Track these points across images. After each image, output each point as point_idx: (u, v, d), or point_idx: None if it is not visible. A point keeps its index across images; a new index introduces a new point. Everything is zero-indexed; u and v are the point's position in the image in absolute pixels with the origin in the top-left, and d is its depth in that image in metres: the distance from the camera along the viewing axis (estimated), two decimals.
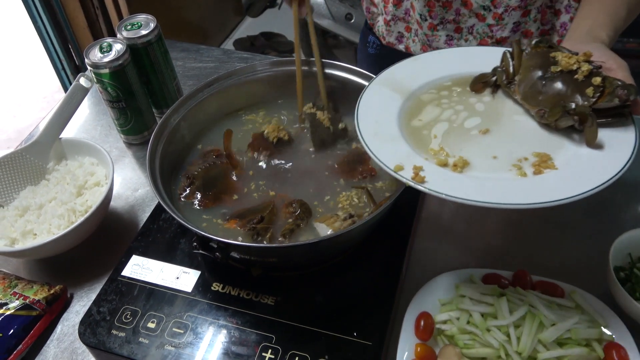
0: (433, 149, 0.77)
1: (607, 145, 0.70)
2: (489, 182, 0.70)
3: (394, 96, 0.84)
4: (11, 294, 0.84)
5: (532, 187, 0.69)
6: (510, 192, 0.67)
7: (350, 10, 2.53)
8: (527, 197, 0.66)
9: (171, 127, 0.90)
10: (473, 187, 0.69)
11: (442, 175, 0.71)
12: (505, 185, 0.69)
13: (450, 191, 0.67)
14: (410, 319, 0.74)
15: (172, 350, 0.73)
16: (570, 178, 0.68)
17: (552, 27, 1.11)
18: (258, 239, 0.78)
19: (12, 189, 0.97)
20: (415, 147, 0.76)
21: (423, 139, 0.78)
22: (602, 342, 0.71)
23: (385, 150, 0.75)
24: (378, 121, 0.80)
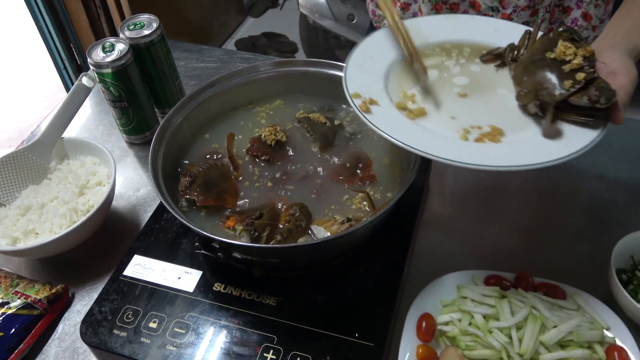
0: (405, 92, 0.79)
1: (565, 140, 0.70)
2: (428, 134, 0.72)
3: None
4: (13, 293, 0.84)
5: (459, 148, 0.70)
6: (435, 145, 0.69)
7: (352, 11, 2.52)
8: (443, 152, 0.67)
9: (173, 127, 0.90)
10: (408, 133, 0.71)
11: (391, 116, 0.74)
12: (438, 140, 0.71)
13: (384, 127, 0.70)
14: (411, 320, 0.74)
15: (174, 351, 0.73)
16: (502, 153, 0.69)
17: (561, 25, 1.11)
18: (255, 234, 0.77)
19: (14, 188, 0.97)
20: (391, 87, 0.79)
21: (404, 82, 0.81)
22: (604, 344, 0.71)
23: (357, 79, 0.78)
24: (373, 57, 0.83)
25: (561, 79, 0.72)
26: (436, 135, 0.72)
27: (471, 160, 0.66)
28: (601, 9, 1.09)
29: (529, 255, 0.87)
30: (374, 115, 0.73)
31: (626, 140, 1.05)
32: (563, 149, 0.68)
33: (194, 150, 0.94)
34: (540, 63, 0.76)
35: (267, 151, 0.91)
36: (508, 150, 0.70)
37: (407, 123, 0.74)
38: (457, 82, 0.82)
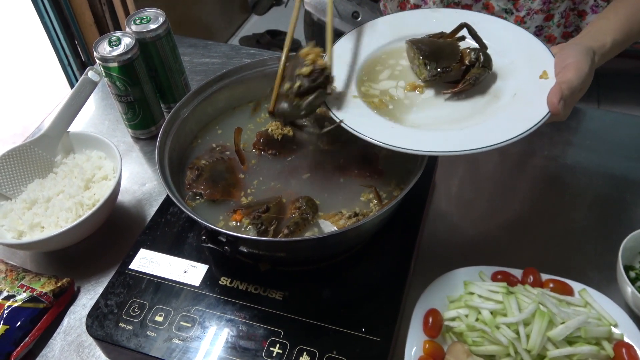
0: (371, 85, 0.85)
1: (519, 122, 0.73)
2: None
3: (385, 34, 0.91)
4: (18, 287, 0.84)
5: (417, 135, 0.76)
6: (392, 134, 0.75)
7: (357, 9, 2.51)
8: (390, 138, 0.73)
9: (180, 121, 0.89)
10: (378, 129, 0.76)
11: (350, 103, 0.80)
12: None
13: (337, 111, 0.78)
14: (418, 316, 0.74)
15: (180, 344, 0.73)
16: (467, 138, 0.74)
17: (576, 29, 1.10)
18: (262, 228, 0.77)
19: (20, 181, 0.97)
20: (356, 77, 0.85)
21: (371, 76, 0.86)
22: (612, 340, 0.71)
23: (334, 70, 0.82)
24: (351, 48, 0.88)
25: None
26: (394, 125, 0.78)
27: (439, 148, 0.72)
28: None
29: (536, 251, 0.87)
30: (337, 103, 0.79)
31: (633, 138, 1.05)
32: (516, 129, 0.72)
33: (200, 145, 0.94)
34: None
35: (274, 145, 0.91)
36: (468, 135, 0.74)
37: (368, 113, 0.79)
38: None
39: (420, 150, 0.72)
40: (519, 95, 0.78)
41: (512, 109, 0.77)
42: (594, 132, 1.07)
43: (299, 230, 0.78)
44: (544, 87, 0.76)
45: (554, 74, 0.77)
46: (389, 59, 0.89)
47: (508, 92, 0.80)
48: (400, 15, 0.95)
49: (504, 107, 0.78)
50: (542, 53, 0.82)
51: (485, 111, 0.79)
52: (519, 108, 0.76)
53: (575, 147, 1.04)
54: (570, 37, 1.11)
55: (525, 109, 0.75)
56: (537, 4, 1.04)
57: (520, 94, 0.78)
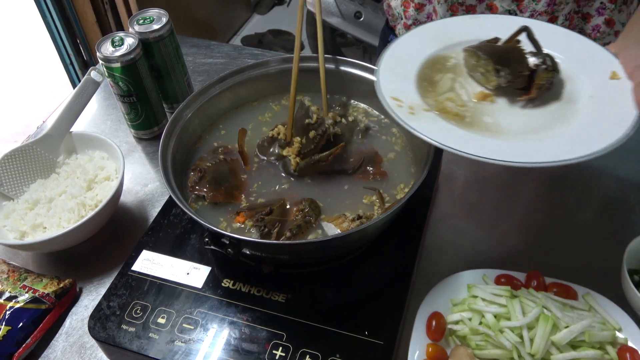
0: (441, 94, 0.81)
1: (600, 134, 0.71)
2: (466, 134, 0.74)
3: (430, 44, 0.88)
4: (20, 287, 0.83)
5: (505, 147, 0.72)
6: (480, 146, 0.71)
7: (359, 9, 2.52)
8: (491, 153, 0.69)
9: (183, 122, 0.89)
10: (452, 137, 0.72)
11: (433, 120, 0.76)
12: (478, 140, 0.73)
13: (429, 132, 0.71)
14: (421, 319, 0.74)
15: (182, 346, 0.73)
16: (544, 149, 0.71)
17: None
18: (265, 230, 0.77)
19: (22, 182, 0.97)
20: (420, 89, 0.81)
21: (432, 86, 0.83)
22: (616, 345, 0.71)
23: (390, 83, 0.79)
24: (401, 59, 0.84)
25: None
26: (474, 135, 0.74)
27: (522, 159, 0.68)
28: (624, 13, 1.07)
29: (540, 254, 0.86)
30: (415, 120, 0.74)
31: (638, 141, 1.04)
32: (601, 142, 0.69)
33: (203, 146, 0.93)
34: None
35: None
36: (546, 146, 0.72)
37: (449, 127, 0.75)
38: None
39: (527, 162, 0.68)
40: (596, 98, 0.76)
41: (595, 113, 0.74)
42: None
43: (302, 233, 0.78)
44: (619, 88, 0.75)
45: (624, 75, 0.76)
46: (444, 69, 0.86)
47: (583, 95, 0.78)
48: (439, 24, 0.93)
49: (584, 112, 0.75)
50: (601, 54, 0.81)
51: (565, 117, 0.76)
52: (602, 111, 0.74)
53: None
54: None
55: (610, 112, 0.73)
56: (541, 5, 1.04)
57: (597, 97, 0.76)
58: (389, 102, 0.76)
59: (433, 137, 0.70)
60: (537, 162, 0.68)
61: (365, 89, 0.92)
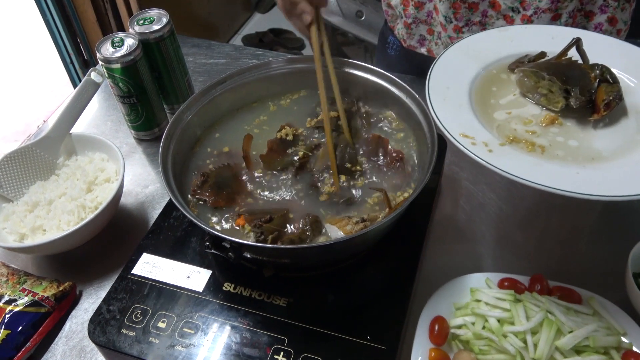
0: (501, 122, 0.77)
1: None
2: (545, 164, 0.71)
3: (469, 64, 0.85)
4: (20, 290, 0.83)
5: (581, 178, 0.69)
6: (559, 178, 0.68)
7: (360, 8, 2.51)
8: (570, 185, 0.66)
9: (184, 124, 0.88)
10: (531, 169, 0.69)
11: (510, 154, 0.72)
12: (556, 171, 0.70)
13: (513, 169, 0.67)
14: (424, 323, 0.73)
15: (183, 351, 0.72)
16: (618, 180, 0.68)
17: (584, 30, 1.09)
18: (261, 237, 0.76)
19: (21, 183, 0.96)
20: (482, 120, 0.77)
21: (490, 111, 0.79)
22: (621, 350, 0.70)
23: (451, 116, 0.75)
24: (448, 86, 0.80)
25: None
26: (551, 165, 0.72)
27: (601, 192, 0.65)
28: (627, 12, 1.07)
29: (544, 258, 0.86)
30: (496, 157, 0.70)
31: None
32: None
33: (204, 148, 0.93)
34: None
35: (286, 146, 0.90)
36: (622, 176, 0.69)
37: (535, 161, 0.72)
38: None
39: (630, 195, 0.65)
40: None
41: None
42: None
43: None
44: None
45: None
46: (497, 91, 0.84)
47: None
48: (470, 41, 0.89)
49: None
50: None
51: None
52: None
53: None
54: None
55: None
56: (544, 2, 1.03)
57: None
58: (462, 141, 0.72)
59: (530, 179, 0.66)
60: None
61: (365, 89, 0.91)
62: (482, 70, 0.85)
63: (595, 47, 0.83)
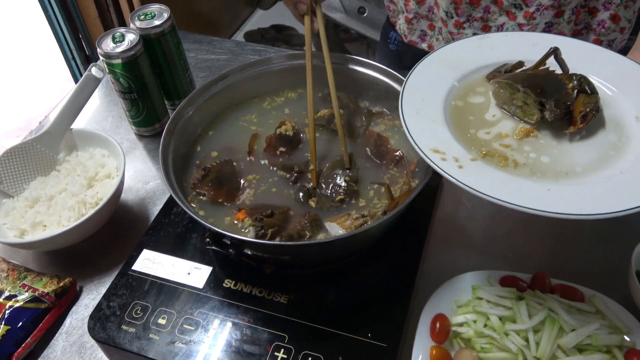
0: (475, 136, 0.75)
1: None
2: (517, 182, 0.68)
3: (447, 74, 0.82)
4: (20, 286, 0.83)
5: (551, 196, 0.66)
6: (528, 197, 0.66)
7: (363, 4, 2.50)
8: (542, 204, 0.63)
9: (184, 120, 0.88)
10: (503, 187, 0.67)
11: (479, 169, 0.70)
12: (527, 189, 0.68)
13: (486, 189, 0.65)
14: (425, 321, 0.73)
15: (183, 348, 0.72)
16: (591, 197, 0.66)
17: (587, 27, 1.08)
18: (261, 231, 0.76)
19: (22, 179, 0.96)
20: (456, 133, 0.75)
21: (465, 124, 0.76)
22: (623, 348, 0.69)
23: (423, 131, 0.73)
24: (423, 98, 0.78)
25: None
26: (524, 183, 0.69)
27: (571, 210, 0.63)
28: (630, 10, 1.06)
29: (546, 255, 0.85)
30: (466, 174, 0.68)
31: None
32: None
33: (205, 144, 0.92)
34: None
35: (284, 142, 0.90)
36: (596, 192, 0.67)
37: (506, 177, 0.70)
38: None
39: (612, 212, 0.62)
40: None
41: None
42: None
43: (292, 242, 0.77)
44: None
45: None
46: (473, 103, 0.81)
47: (628, 117, 0.74)
48: (449, 50, 0.87)
49: (637, 136, 0.71)
50: (629, 66, 0.77)
51: (619, 146, 0.71)
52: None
53: None
54: (580, 35, 1.09)
55: None
56: None
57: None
58: (432, 156, 0.69)
59: (498, 196, 0.64)
60: (614, 211, 0.62)
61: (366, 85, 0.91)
62: (459, 81, 0.83)
63: (576, 55, 0.81)
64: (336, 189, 0.83)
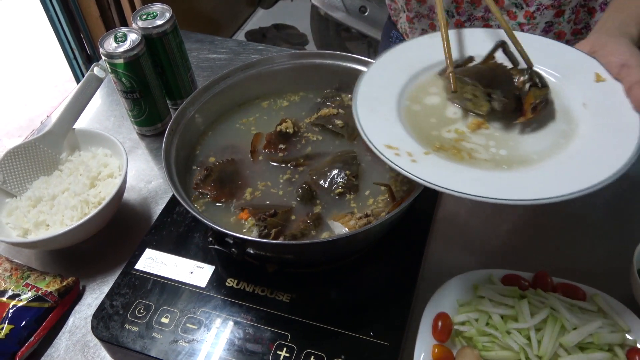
0: (439, 136, 0.75)
1: (601, 162, 0.67)
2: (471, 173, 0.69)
3: (399, 74, 0.82)
4: (23, 285, 0.83)
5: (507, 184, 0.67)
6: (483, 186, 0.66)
7: (364, 3, 2.50)
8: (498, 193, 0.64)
9: (187, 120, 0.88)
10: (455, 178, 0.68)
11: (433, 162, 0.70)
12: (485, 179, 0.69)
13: (439, 181, 0.66)
14: (427, 320, 0.73)
15: (186, 346, 0.72)
16: (543, 183, 0.67)
17: (586, 27, 1.08)
18: (264, 231, 0.76)
19: (25, 179, 0.96)
20: (409, 128, 0.75)
21: (427, 127, 0.77)
22: (625, 347, 0.70)
23: (377, 128, 0.73)
24: (377, 97, 0.78)
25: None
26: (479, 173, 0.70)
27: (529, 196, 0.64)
28: None
29: (548, 254, 0.85)
30: (419, 167, 0.68)
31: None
32: (602, 173, 0.65)
33: (207, 143, 0.93)
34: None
35: (284, 140, 0.90)
36: (546, 178, 0.67)
37: (457, 168, 0.70)
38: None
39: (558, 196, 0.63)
40: (590, 105, 0.73)
41: (596, 123, 0.71)
42: None
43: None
44: (608, 90, 0.73)
45: (609, 75, 0.74)
46: (425, 101, 0.81)
47: (575, 104, 0.74)
48: (400, 49, 0.86)
49: (584, 125, 0.72)
50: (577, 56, 0.78)
51: (567, 133, 0.72)
52: (603, 121, 0.71)
53: None
54: (580, 35, 1.09)
55: (611, 120, 0.70)
56: None
57: (590, 103, 0.74)
58: (385, 152, 0.69)
59: (449, 186, 0.64)
60: (567, 193, 0.63)
61: None
62: (412, 78, 0.83)
63: (525, 47, 0.81)
64: (336, 180, 0.83)
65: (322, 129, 0.93)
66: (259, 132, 0.92)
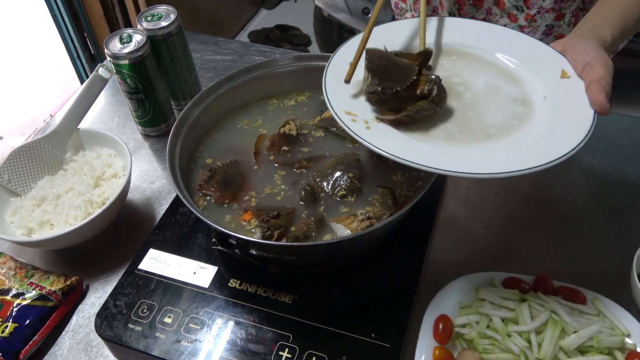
0: None
1: (561, 138, 0.69)
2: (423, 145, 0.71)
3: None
4: (28, 284, 0.84)
5: (462, 158, 0.69)
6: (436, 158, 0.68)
7: (367, 5, 2.50)
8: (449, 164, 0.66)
9: (191, 121, 0.89)
10: (408, 149, 0.69)
11: (385, 131, 0.72)
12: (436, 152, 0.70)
13: (386, 147, 0.68)
14: (428, 322, 0.74)
15: (189, 346, 0.73)
16: (502, 158, 0.69)
17: None
18: (267, 232, 0.77)
19: (29, 178, 0.97)
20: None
21: None
22: (625, 350, 0.70)
23: (339, 96, 0.76)
24: (344, 70, 0.80)
25: None
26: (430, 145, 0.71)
27: (478, 170, 0.66)
28: None
29: (549, 258, 0.86)
30: (372, 135, 0.70)
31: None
32: (561, 148, 0.67)
33: (211, 144, 0.93)
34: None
35: (288, 142, 0.90)
36: (507, 154, 0.69)
37: (405, 138, 0.72)
38: None
39: (488, 173, 0.65)
40: (550, 98, 0.75)
41: (553, 114, 0.73)
42: (608, 135, 1.05)
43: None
44: (571, 86, 0.75)
45: (574, 73, 0.76)
46: None
47: (536, 96, 0.77)
48: (388, 28, 0.88)
49: (541, 113, 0.74)
50: (547, 52, 0.80)
51: (524, 120, 0.74)
52: (560, 113, 0.73)
53: (589, 150, 1.02)
54: None
55: (567, 113, 0.72)
56: (548, 2, 1.03)
57: (550, 97, 0.76)
58: (343, 117, 0.72)
59: (391, 152, 0.67)
60: (500, 172, 0.65)
61: None
62: None
63: (498, 40, 0.84)
64: (339, 183, 0.84)
65: (326, 131, 0.93)
66: (262, 134, 0.93)
